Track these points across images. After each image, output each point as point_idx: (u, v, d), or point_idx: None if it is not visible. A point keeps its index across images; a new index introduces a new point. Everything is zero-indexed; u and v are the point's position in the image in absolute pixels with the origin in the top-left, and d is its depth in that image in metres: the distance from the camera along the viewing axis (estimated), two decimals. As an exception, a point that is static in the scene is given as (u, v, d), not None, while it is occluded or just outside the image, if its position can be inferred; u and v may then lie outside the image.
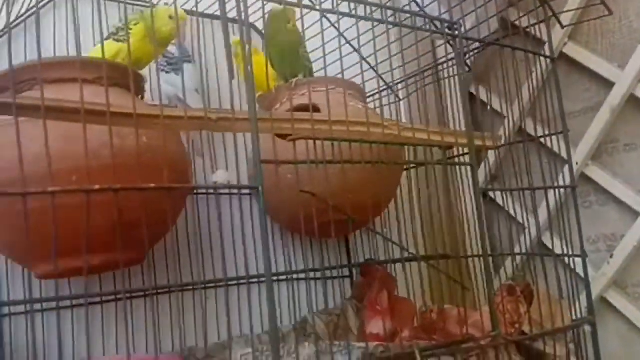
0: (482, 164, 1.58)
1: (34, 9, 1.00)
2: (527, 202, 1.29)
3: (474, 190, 1.05)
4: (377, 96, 1.55)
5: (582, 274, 1.23)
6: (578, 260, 1.27)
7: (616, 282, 1.38)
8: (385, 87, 1.49)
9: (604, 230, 1.42)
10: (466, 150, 1.23)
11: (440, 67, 1.50)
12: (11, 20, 0.85)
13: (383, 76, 1.42)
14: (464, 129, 1.51)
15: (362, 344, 0.87)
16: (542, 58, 1.33)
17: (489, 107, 1.60)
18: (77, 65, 0.87)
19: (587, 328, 1.12)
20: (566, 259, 1.24)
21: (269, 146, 0.89)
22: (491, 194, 1.60)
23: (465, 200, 1.45)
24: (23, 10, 1.20)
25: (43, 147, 0.71)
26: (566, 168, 1.27)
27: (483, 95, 1.62)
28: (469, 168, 1.10)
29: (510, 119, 1.51)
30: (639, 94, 1.31)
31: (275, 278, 1.34)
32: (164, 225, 0.94)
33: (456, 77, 1.54)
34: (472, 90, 1.62)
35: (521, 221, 1.47)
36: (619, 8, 1.35)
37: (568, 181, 1.28)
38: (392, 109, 1.51)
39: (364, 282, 1.45)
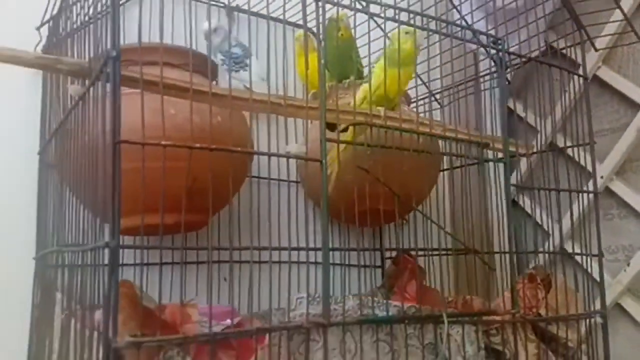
0: (514, 172, 1.71)
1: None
2: (552, 210, 1.41)
3: (505, 185, 1.16)
4: (420, 102, 1.70)
5: (597, 277, 1.35)
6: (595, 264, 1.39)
7: (630, 289, 1.48)
8: (428, 94, 1.63)
9: (623, 242, 1.53)
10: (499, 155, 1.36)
11: (481, 79, 1.63)
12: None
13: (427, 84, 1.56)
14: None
15: (398, 303, 1.00)
16: (575, 78, 1.45)
17: (524, 120, 1.72)
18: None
19: (599, 320, 1.23)
20: (584, 263, 1.35)
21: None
22: (520, 201, 1.72)
23: (498, 201, 1.55)
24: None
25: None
26: (591, 181, 1.39)
27: (519, 109, 1.76)
28: (502, 171, 1.24)
29: (543, 133, 1.63)
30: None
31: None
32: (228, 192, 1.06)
33: (495, 90, 1.69)
34: (510, 104, 1.75)
35: (546, 228, 1.59)
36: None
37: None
38: (433, 116, 1.64)
39: (395, 270, 1.56)
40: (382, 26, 1.19)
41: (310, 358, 0.92)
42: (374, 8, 1.14)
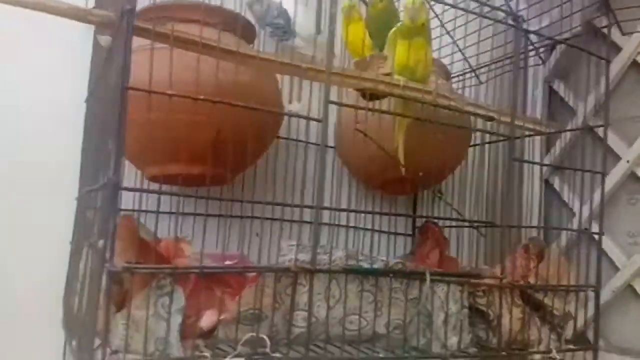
0: (547, 153, 1.76)
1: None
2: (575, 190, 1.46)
3: (508, 160, 1.23)
4: (460, 78, 1.77)
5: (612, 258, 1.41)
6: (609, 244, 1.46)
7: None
8: (469, 69, 1.69)
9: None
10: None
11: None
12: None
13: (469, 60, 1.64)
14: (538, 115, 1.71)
15: (384, 257, 1.10)
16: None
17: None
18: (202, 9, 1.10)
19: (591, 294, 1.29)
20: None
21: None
22: (552, 183, 1.77)
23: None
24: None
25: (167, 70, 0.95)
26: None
27: (561, 90, 1.80)
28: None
29: (580, 114, 1.68)
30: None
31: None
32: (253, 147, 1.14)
33: (531, 68, 1.74)
34: (554, 85, 1.80)
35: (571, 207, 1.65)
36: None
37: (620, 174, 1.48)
38: (473, 91, 1.71)
39: (420, 239, 1.66)
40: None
41: (296, 300, 1.03)
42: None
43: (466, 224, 1.57)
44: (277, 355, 0.97)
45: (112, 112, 0.89)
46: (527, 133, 1.48)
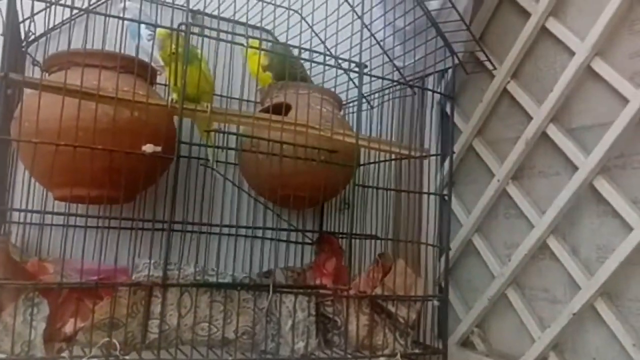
0: (439, 170, 1.92)
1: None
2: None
3: (352, 185, 1.40)
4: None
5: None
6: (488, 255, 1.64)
7: (517, 283, 1.68)
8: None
9: (515, 239, 1.72)
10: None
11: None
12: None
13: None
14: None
15: (232, 273, 1.27)
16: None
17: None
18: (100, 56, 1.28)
19: (436, 303, 1.45)
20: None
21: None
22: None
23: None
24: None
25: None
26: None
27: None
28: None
29: (465, 133, 1.86)
30: (548, 132, 1.60)
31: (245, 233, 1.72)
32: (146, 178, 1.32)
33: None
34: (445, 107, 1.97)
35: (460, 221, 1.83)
36: (550, 59, 1.65)
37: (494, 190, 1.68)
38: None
39: (318, 249, 1.82)
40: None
41: (151, 310, 1.20)
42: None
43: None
44: (128, 357, 1.14)
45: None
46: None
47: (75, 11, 1.56)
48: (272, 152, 1.36)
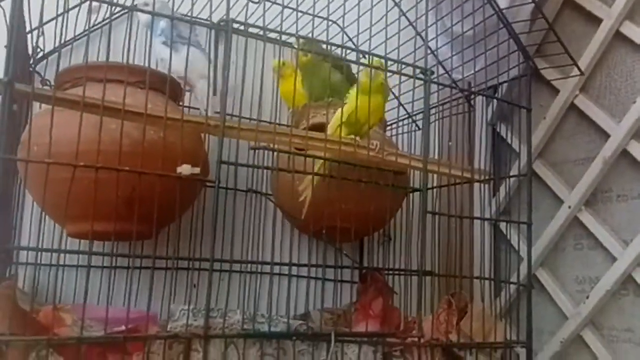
0: (494, 197, 1.72)
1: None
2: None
3: (422, 212, 1.19)
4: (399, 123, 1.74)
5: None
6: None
7: (593, 321, 1.47)
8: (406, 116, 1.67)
9: (590, 273, 1.51)
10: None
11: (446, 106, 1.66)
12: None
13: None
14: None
15: (285, 319, 1.06)
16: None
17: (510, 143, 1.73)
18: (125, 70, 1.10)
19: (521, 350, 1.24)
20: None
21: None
22: (502, 226, 1.73)
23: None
24: (100, 19, 1.45)
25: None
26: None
27: (504, 132, 1.77)
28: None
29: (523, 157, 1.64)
30: (629, 149, 1.40)
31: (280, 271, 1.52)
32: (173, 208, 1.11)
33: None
34: (497, 127, 1.78)
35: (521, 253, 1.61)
36: (627, 67, 1.46)
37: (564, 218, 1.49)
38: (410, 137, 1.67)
39: (362, 288, 1.61)
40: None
41: (191, 367, 0.99)
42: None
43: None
44: None
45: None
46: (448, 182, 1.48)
47: (97, 20, 1.42)
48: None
